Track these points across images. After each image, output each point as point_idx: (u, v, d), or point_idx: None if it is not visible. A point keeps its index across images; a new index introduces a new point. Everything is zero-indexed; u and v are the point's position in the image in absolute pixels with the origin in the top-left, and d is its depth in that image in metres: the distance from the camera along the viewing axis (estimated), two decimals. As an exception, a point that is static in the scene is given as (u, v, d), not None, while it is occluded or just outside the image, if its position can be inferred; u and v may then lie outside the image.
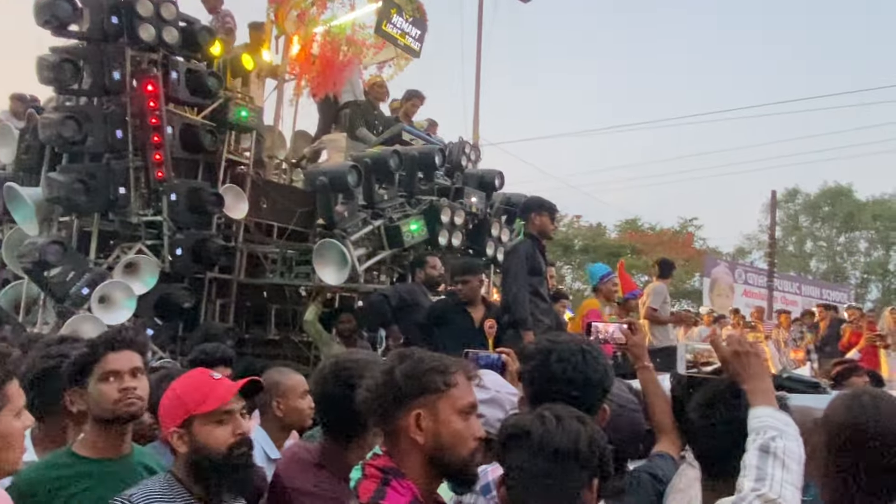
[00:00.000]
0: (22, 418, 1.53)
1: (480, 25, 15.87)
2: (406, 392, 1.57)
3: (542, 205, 5.22)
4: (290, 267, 6.48)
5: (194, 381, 1.91)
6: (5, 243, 6.02)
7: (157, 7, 5.69)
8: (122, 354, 2.08)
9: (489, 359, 2.59)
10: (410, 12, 7.31)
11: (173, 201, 5.75)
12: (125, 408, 2.03)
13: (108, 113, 5.55)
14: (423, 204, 6.30)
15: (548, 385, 1.76)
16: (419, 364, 1.61)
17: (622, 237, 27.84)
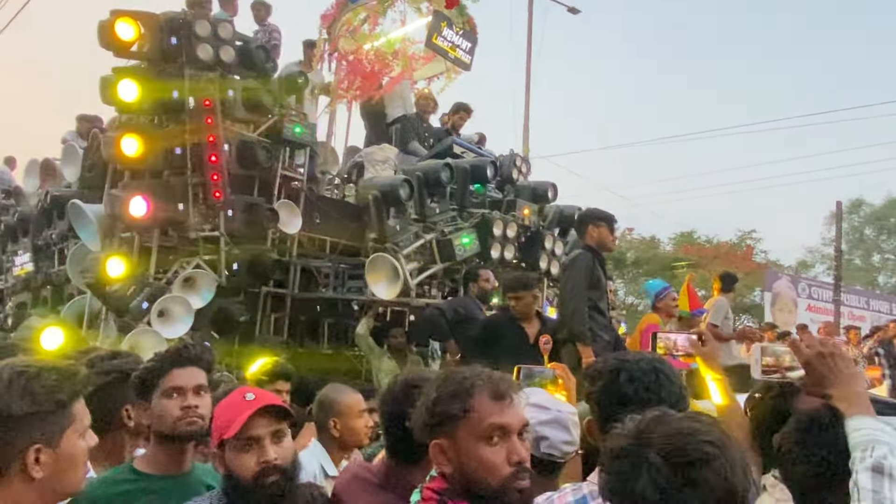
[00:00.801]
0: (86, 437, 1.51)
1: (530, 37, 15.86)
2: (428, 421, 1.50)
3: (600, 216, 5.04)
4: (343, 281, 6.51)
5: (227, 403, 1.86)
6: (70, 259, 6.22)
7: (214, 27, 5.83)
8: (186, 371, 2.07)
9: (543, 374, 2.49)
10: (461, 25, 7.29)
11: (230, 217, 5.85)
12: (186, 426, 2.00)
13: (167, 131, 5.69)
14: (475, 217, 6.22)
15: (618, 407, 1.63)
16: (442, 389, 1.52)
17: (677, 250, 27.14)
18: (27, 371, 1.43)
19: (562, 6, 16.47)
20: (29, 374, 1.43)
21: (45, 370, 1.46)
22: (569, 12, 16.62)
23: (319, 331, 7.17)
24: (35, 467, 1.38)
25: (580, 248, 5.12)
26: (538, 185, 7.14)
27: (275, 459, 1.76)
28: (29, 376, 1.42)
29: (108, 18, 5.54)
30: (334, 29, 7.75)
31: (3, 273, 8.66)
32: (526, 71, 15.68)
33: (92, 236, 5.79)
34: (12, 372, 1.42)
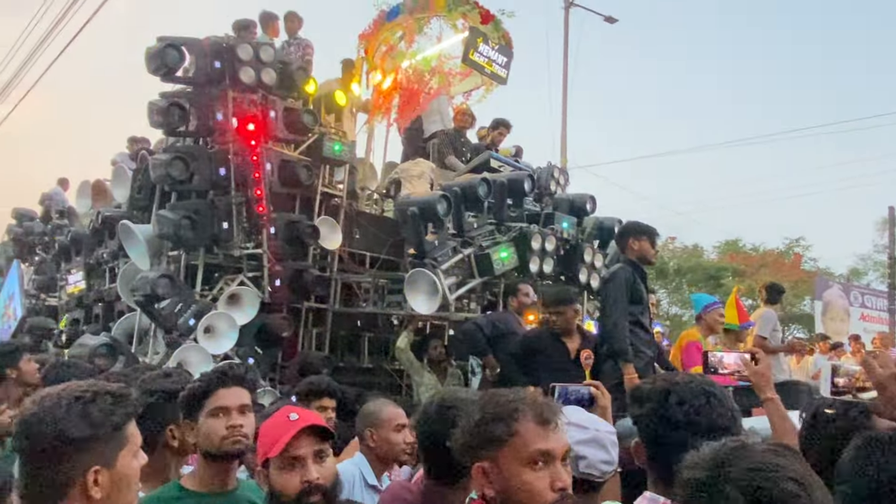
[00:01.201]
0: (138, 457, 1.56)
1: (566, 48, 15.84)
2: (471, 442, 1.49)
3: (641, 229, 4.96)
4: (383, 296, 6.57)
5: (271, 422, 1.90)
6: (120, 277, 6.43)
7: (255, 50, 5.98)
8: (232, 391, 2.12)
9: (578, 393, 2.47)
10: (497, 40, 7.33)
11: (272, 234, 5.97)
12: (231, 445, 2.06)
13: (212, 152, 5.85)
14: (513, 231, 6.21)
15: (668, 431, 1.61)
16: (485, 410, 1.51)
17: (722, 259, 26.50)
18: (84, 395, 1.49)
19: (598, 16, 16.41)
20: (86, 399, 1.49)
21: (100, 394, 1.52)
22: (605, 21, 16.55)
23: (360, 345, 7.25)
24: (94, 488, 1.44)
25: (620, 261, 5.05)
26: (577, 198, 7.09)
27: (317, 479, 1.80)
28: (86, 401, 1.48)
29: (155, 45, 5.75)
30: (372, 48, 7.88)
31: (58, 291, 8.99)
32: (563, 81, 15.67)
33: (141, 255, 5.98)
34: (70, 397, 1.48)
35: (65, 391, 1.51)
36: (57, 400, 1.47)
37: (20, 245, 10.34)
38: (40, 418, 1.45)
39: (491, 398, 1.55)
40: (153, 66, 5.77)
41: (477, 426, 1.50)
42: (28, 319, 8.87)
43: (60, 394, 1.50)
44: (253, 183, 5.77)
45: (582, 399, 2.46)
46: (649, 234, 4.93)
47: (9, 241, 10.89)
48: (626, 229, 5.11)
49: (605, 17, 16.45)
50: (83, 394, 1.50)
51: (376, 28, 7.82)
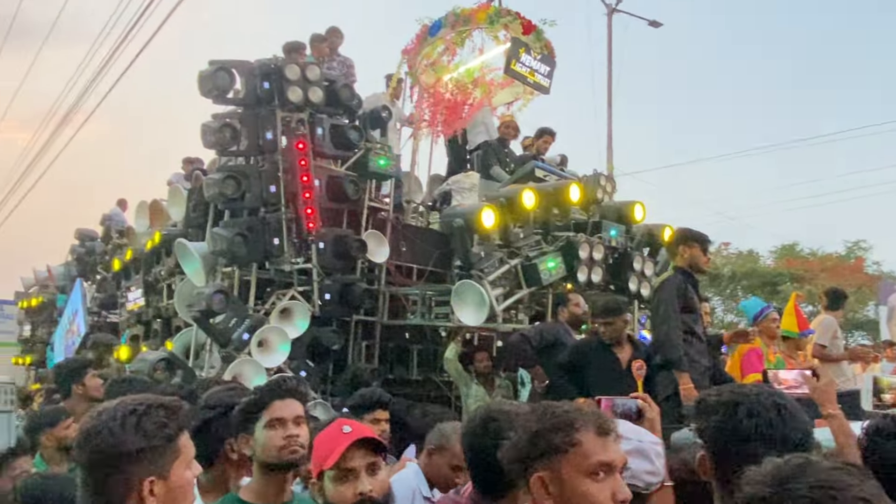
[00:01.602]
0: (192, 468, 1.62)
1: (610, 54, 15.70)
2: (528, 453, 1.47)
3: (692, 236, 4.83)
4: (430, 308, 6.59)
5: (325, 435, 1.93)
6: (177, 294, 6.64)
7: (302, 70, 6.13)
8: (286, 402, 2.17)
9: (625, 405, 2.43)
10: (539, 50, 7.32)
11: (321, 249, 6.09)
12: (289, 455, 2.10)
13: (262, 171, 6.00)
14: (560, 240, 6.16)
15: (737, 445, 1.55)
16: (543, 420, 1.50)
17: (779, 264, 25.63)
18: (138, 409, 1.56)
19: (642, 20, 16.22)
20: (139, 412, 1.55)
21: (153, 407, 1.58)
22: (650, 26, 16.34)
23: (408, 357, 7.29)
24: (150, 499, 1.50)
25: (671, 269, 4.95)
26: (625, 205, 6.98)
27: (370, 491, 1.82)
28: (140, 413, 1.55)
29: (206, 69, 5.95)
30: (415, 62, 7.96)
31: (118, 308, 9.35)
32: (607, 88, 15.52)
33: (197, 272, 6.16)
34: (125, 410, 1.55)
35: (120, 405, 1.58)
36: (113, 413, 1.55)
37: (83, 264, 10.81)
38: (98, 431, 1.52)
39: (547, 408, 1.54)
40: (205, 88, 5.97)
41: (535, 436, 1.48)
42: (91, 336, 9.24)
43: (116, 407, 1.57)
44: (303, 200, 5.90)
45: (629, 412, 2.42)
46: (701, 241, 4.80)
47: (72, 261, 11.40)
48: (677, 237, 5.01)
49: (650, 22, 16.25)
50: (137, 407, 1.56)
51: (419, 43, 7.91)
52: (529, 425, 1.51)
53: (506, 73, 7.36)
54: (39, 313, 13.26)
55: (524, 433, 1.51)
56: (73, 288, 10.65)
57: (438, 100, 7.92)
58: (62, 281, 12.29)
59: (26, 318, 14.02)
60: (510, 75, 7.30)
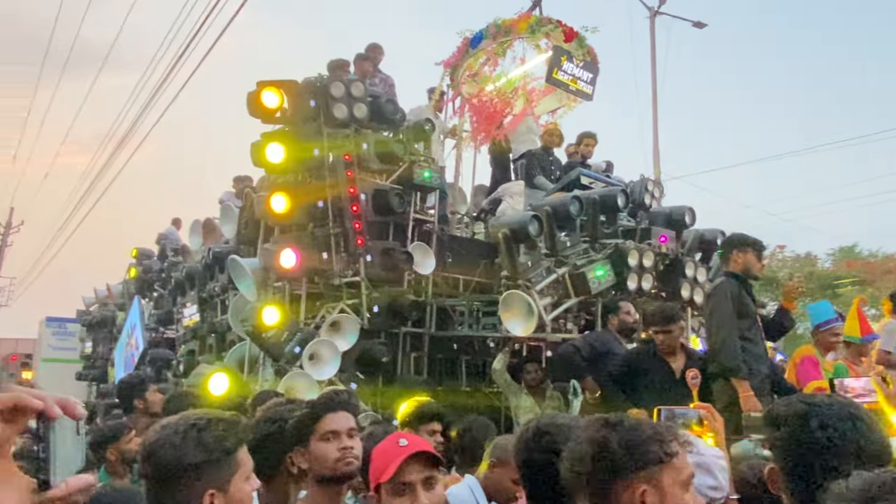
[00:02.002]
0: (251, 482, 1.65)
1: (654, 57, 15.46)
2: (624, 465, 1.43)
3: (746, 241, 4.69)
4: (478, 318, 6.58)
5: (382, 447, 1.94)
6: (231, 309, 6.80)
7: (347, 87, 6.24)
8: (339, 415, 2.20)
9: (685, 416, 2.35)
10: (581, 57, 7.28)
11: (369, 262, 6.15)
12: (344, 466, 2.13)
13: (310, 187, 6.11)
14: (608, 248, 6.08)
15: (810, 457, 1.49)
16: (635, 433, 1.46)
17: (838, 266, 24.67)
18: (198, 423, 1.61)
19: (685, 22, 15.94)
20: (200, 426, 1.60)
21: (213, 421, 1.63)
22: (694, 27, 16.04)
23: (457, 368, 7.28)
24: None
25: (724, 274, 4.82)
26: (674, 210, 6.84)
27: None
28: (200, 428, 1.60)
29: (254, 90, 6.10)
30: (457, 74, 8.01)
31: (174, 324, 9.63)
32: (652, 91, 15.28)
33: (249, 288, 6.30)
34: (186, 425, 1.60)
35: (181, 419, 1.63)
36: (175, 428, 1.60)
37: (140, 282, 11.18)
38: (161, 445, 1.58)
39: (625, 421, 1.51)
40: (253, 109, 6.12)
41: (628, 449, 1.44)
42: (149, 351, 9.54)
43: (178, 422, 1.62)
44: (351, 213, 5.98)
45: (689, 422, 2.35)
46: (754, 246, 4.66)
47: (130, 279, 11.81)
48: (730, 242, 4.88)
49: (694, 23, 15.94)
50: (198, 421, 1.61)
51: (460, 55, 7.96)
52: (618, 438, 1.46)
53: (547, 82, 7.34)
54: (100, 330, 13.77)
55: (614, 445, 1.46)
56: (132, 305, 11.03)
57: (480, 110, 7.95)
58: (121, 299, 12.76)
59: (88, 336, 14.59)
60: (552, 84, 7.27)
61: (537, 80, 7.94)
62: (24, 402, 0.83)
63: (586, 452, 1.47)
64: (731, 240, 4.85)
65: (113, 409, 5.64)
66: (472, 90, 8.17)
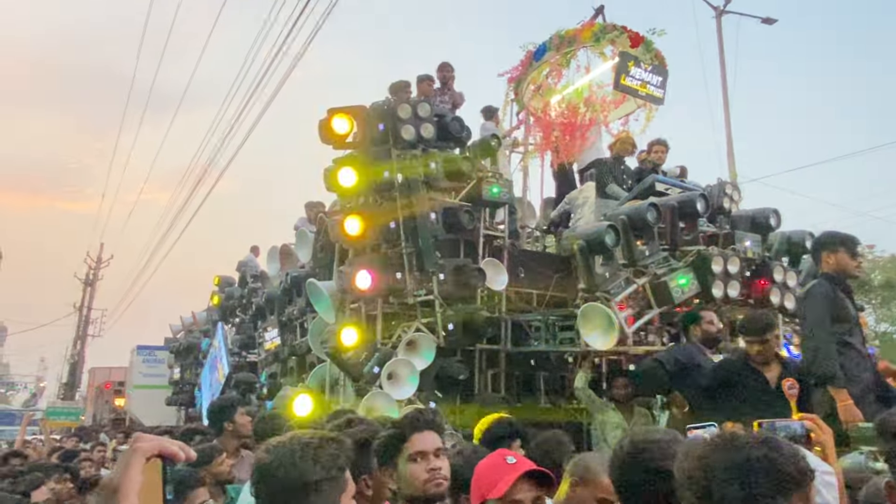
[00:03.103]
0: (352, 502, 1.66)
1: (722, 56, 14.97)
2: (792, 484, 1.35)
3: (836, 239, 4.42)
4: (554, 333, 6.45)
5: (489, 463, 1.91)
6: (310, 331, 6.95)
7: (414, 108, 6.32)
8: (426, 435, 2.18)
9: (788, 429, 2.20)
10: (649, 61, 7.11)
11: (442, 280, 6.15)
12: (434, 487, 2.10)
13: (382, 209, 6.20)
14: (690, 255, 5.85)
15: None
16: (793, 450, 1.39)
17: (936, 265, 22.99)
18: (312, 442, 1.63)
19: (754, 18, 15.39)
20: (315, 444, 1.62)
21: (325, 440, 1.65)
22: (763, 23, 15.47)
23: (535, 384, 7.16)
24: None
25: (817, 277, 4.55)
26: (757, 213, 6.55)
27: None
28: (315, 446, 1.62)
29: (325, 117, 6.27)
30: (521, 88, 7.99)
31: (256, 348, 9.93)
32: (722, 92, 14.79)
33: (327, 310, 6.42)
34: (301, 443, 1.63)
35: (293, 439, 1.65)
36: (290, 447, 1.61)
37: (223, 309, 11.62)
38: (279, 463, 1.59)
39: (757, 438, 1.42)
40: (325, 136, 6.28)
41: (796, 466, 1.36)
42: (233, 375, 9.86)
43: (291, 441, 1.64)
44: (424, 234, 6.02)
45: (793, 435, 2.20)
46: (846, 243, 4.38)
47: (214, 306, 12.29)
48: (819, 242, 4.60)
49: (763, 19, 15.37)
50: (312, 440, 1.63)
51: (524, 69, 7.94)
52: (769, 455, 1.36)
53: (616, 89, 7.21)
54: (186, 357, 14.38)
55: (768, 463, 1.35)
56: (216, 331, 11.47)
57: (548, 123, 7.88)
58: (205, 325, 13.29)
59: (175, 362, 15.26)
60: (620, 90, 7.14)
61: (605, 87, 7.81)
62: (165, 449, 1.04)
63: (759, 470, 1.36)
64: (820, 240, 4.58)
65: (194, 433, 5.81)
66: (537, 104, 8.11)
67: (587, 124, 7.80)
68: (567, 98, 7.91)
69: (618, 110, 7.91)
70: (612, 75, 7.15)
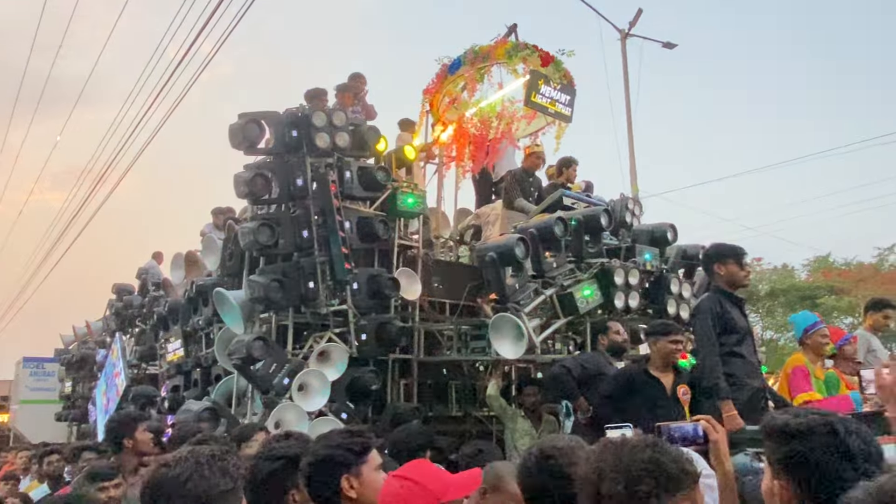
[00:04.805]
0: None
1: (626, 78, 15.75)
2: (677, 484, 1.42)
3: (724, 252, 4.65)
4: (466, 343, 6.56)
5: (431, 470, 1.93)
6: (217, 342, 6.71)
7: (329, 116, 6.27)
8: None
9: (683, 430, 2.30)
10: (558, 80, 7.39)
11: (355, 290, 6.12)
12: None
13: (294, 217, 6.10)
14: (594, 267, 6.12)
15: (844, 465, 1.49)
16: (678, 453, 1.48)
17: (814, 277, 25.05)
18: (216, 453, 1.62)
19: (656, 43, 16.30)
20: (219, 456, 1.61)
21: (226, 452, 1.64)
22: (664, 48, 16.40)
23: (447, 393, 7.23)
24: None
25: (710, 290, 4.85)
26: (656, 228, 6.93)
27: None
28: (220, 457, 1.60)
29: (237, 122, 6.11)
30: (437, 101, 8.09)
31: (158, 359, 9.45)
32: (626, 112, 15.54)
33: (235, 320, 6.23)
34: (206, 455, 1.60)
35: (194, 452, 1.61)
36: (196, 460, 1.57)
37: (121, 318, 10.99)
38: (188, 477, 1.55)
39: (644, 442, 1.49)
40: (236, 140, 6.12)
41: (680, 467, 1.43)
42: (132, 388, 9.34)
43: (193, 454, 1.60)
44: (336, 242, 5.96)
45: (687, 436, 2.32)
46: (735, 254, 4.61)
47: (110, 316, 11.61)
48: (709, 255, 4.82)
49: (664, 44, 16.31)
50: (214, 453, 1.60)
51: (439, 82, 8.05)
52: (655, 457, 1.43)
53: (526, 106, 7.44)
54: (79, 369, 13.49)
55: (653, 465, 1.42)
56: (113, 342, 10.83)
57: (462, 136, 8.02)
58: (101, 336, 12.52)
59: (67, 375, 14.27)
60: (531, 107, 7.37)
61: (517, 104, 8.04)
62: None
63: (643, 472, 1.42)
64: (709, 253, 4.79)
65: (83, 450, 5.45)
66: (452, 116, 8.24)
67: (499, 138, 8.00)
68: (481, 112, 8.08)
69: (529, 126, 8.16)
70: (524, 92, 7.37)
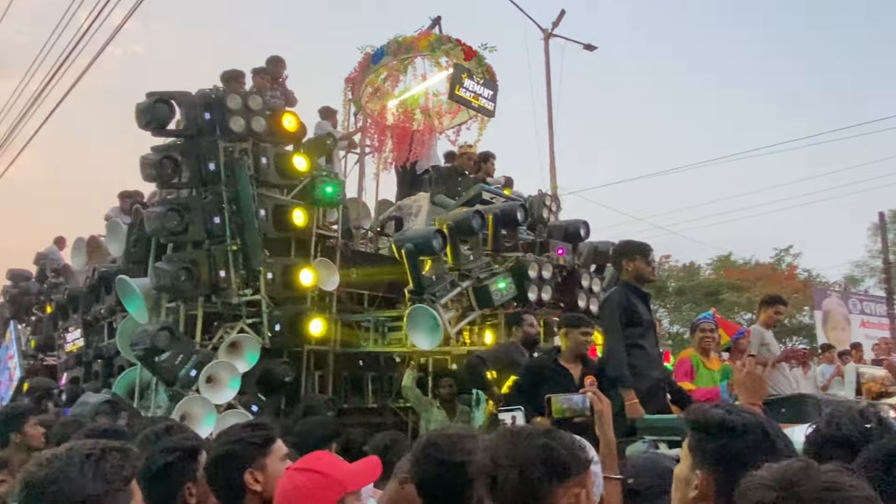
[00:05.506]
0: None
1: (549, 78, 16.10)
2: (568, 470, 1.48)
3: (631, 249, 4.82)
4: (384, 334, 6.55)
5: (332, 460, 1.92)
6: (119, 332, 6.39)
7: (244, 100, 6.07)
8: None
9: (571, 401, 2.38)
10: (481, 75, 7.46)
11: (270, 280, 5.98)
12: None
13: (206, 202, 5.89)
14: (509, 261, 6.24)
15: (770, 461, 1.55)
16: (570, 441, 1.53)
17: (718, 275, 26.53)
18: (93, 453, 1.51)
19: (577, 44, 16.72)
20: (96, 456, 1.50)
21: (108, 451, 1.53)
22: (585, 49, 16.85)
23: (363, 385, 7.20)
24: None
25: (618, 284, 5.04)
26: (570, 224, 7.13)
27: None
28: (97, 458, 1.50)
29: (145, 101, 5.82)
30: (359, 90, 8.00)
31: (56, 349, 8.93)
32: (547, 110, 15.88)
33: (139, 309, 5.96)
34: (81, 455, 1.49)
35: (72, 450, 1.52)
36: (68, 459, 1.48)
37: (16, 306, 10.29)
38: (54, 479, 1.45)
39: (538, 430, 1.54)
40: (144, 120, 5.84)
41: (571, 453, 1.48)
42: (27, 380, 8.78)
43: (69, 453, 1.50)
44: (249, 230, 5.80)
45: (576, 406, 2.39)
46: (642, 251, 4.77)
47: (4, 303, 10.84)
48: (617, 252, 4.98)
49: (585, 45, 16.74)
50: (92, 451, 1.51)
51: (362, 71, 7.96)
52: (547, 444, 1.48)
53: (450, 99, 7.47)
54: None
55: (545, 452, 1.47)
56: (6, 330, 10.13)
57: (384, 126, 7.96)
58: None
59: (-46, 366, 13.24)
60: (455, 100, 7.41)
61: (440, 96, 8.06)
62: None
63: (535, 459, 1.46)
64: (618, 249, 4.95)
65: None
66: (374, 106, 8.17)
67: (421, 130, 7.99)
68: (403, 104, 8.04)
69: (453, 120, 8.20)
70: (447, 85, 7.40)
